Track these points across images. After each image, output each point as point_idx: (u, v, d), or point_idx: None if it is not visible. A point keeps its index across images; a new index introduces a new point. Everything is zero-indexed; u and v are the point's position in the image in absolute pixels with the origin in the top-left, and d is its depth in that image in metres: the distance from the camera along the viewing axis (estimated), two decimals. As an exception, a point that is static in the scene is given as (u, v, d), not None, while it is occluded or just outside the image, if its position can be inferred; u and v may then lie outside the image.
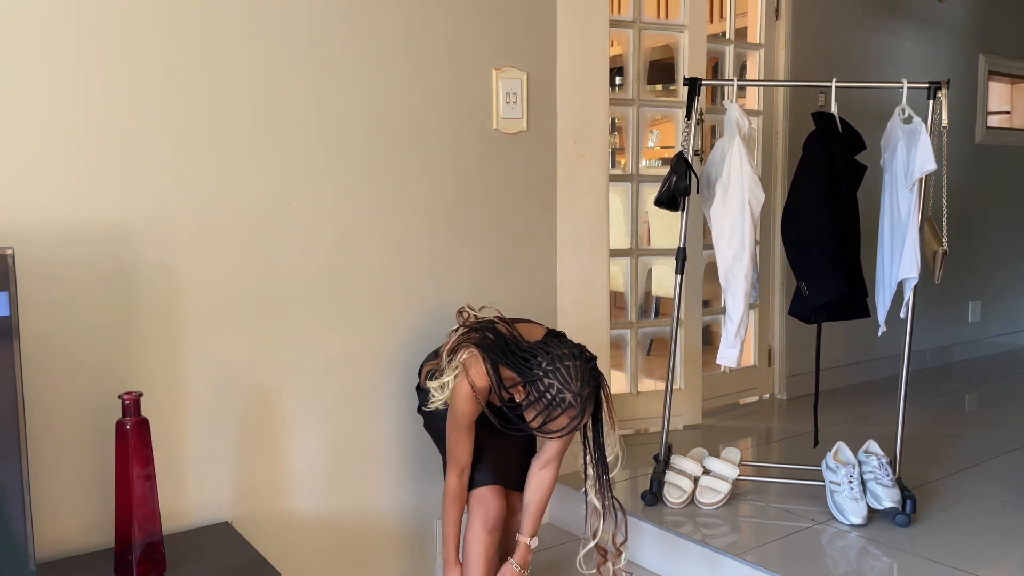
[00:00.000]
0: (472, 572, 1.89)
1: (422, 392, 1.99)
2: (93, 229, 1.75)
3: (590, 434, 1.81)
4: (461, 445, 1.85)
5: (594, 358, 1.75)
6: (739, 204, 2.27)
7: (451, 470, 1.87)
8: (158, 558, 1.64)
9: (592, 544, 1.87)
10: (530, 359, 1.72)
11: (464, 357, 1.78)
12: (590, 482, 1.85)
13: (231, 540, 1.84)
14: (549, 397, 1.68)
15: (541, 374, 1.69)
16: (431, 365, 1.94)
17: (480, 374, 1.76)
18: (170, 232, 1.84)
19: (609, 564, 1.89)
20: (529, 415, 1.72)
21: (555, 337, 1.80)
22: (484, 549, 1.89)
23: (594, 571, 1.90)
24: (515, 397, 1.73)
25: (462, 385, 1.77)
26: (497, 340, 1.78)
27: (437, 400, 1.84)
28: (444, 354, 1.84)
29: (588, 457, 1.84)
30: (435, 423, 1.96)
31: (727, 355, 2.34)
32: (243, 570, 1.71)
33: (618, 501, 1.86)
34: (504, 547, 1.99)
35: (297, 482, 2.06)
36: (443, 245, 2.26)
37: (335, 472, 2.11)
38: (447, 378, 1.81)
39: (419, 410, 2.05)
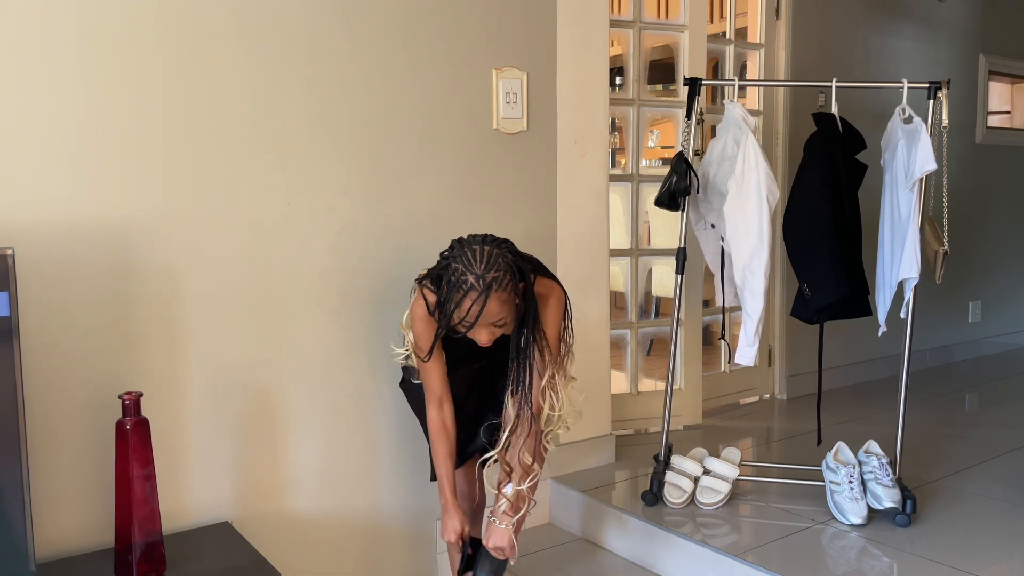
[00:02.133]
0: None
1: (405, 369, 2.00)
2: (93, 229, 1.75)
3: (522, 334, 1.72)
4: (430, 373, 1.81)
5: (516, 250, 1.70)
6: (756, 200, 2.26)
7: (428, 403, 1.84)
8: (158, 558, 1.64)
9: (493, 454, 1.80)
10: (447, 254, 1.70)
11: (412, 290, 1.80)
12: (508, 393, 1.78)
13: (231, 540, 1.84)
14: (454, 280, 1.63)
15: (451, 261, 1.66)
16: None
17: (427, 292, 1.75)
18: (170, 232, 1.84)
19: (512, 484, 1.79)
20: (448, 308, 1.65)
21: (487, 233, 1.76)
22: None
23: (495, 490, 1.83)
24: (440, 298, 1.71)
25: (415, 307, 1.77)
26: (433, 267, 1.77)
27: (409, 349, 1.83)
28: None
29: (514, 355, 1.75)
30: (413, 394, 1.97)
31: (746, 353, 2.32)
32: (243, 570, 1.71)
33: (534, 415, 1.77)
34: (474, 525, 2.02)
35: (297, 482, 2.06)
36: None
37: (335, 472, 2.11)
38: (405, 316, 1.82)
39: (401, 383, 2.05)
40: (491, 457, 1.83)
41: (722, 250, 2.54)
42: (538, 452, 1.84)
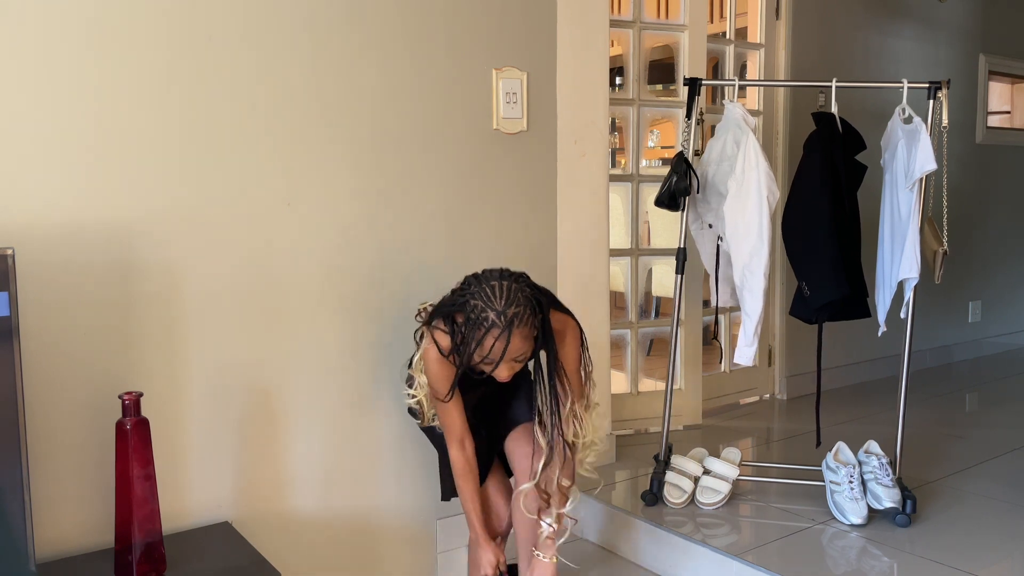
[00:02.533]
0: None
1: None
2: (93, 229, 1.75)
3: (543, 367, 1.73)
4: (450, 413, 1.80)
5: (533, 284, 1.69)
6: (756, 200, 2.26)
7: (450, 443, 1.83)
8: (158, 558, 1.64)
9: (530, 484, 1.80)
10: (463, 290, 1.68)
11: (420, 332, 1.79)
12: (537, 417, 1.79)
13: (231, 540, 1.84)
14: (474, 318, 1.62)
15: (469, 297, 1.65)
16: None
17: (439, 335, 1.73)
18: (170, 232, 1.84)
19: (553, 508, 1.81)
20: (468, 349, 1.65)
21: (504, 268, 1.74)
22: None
23: (534, 516, 1.83)
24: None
25: (428, 350, 1.75)
26: (440, 302, 1.76)
27: (420, 393, 1.84)
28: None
29: (538, 388, 1.76)
30: (436, 437, 1.96)
31: (745, 353, 2.32)
32: (243, 570, 1.71)
33: (567, 442, 1.79)
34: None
35: (297, 482, 2.06)
36: (443, 245, 2.26)
37: (335, 472, 2.11)
38: (414, 358, 1.81)
39: (423, 428, 2.03)
40: (526, 489, 1.83)
41: (717, 250, 2.54)
42: (573, 475, 1.85)
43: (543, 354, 1.76)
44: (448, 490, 1.98)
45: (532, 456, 1.82)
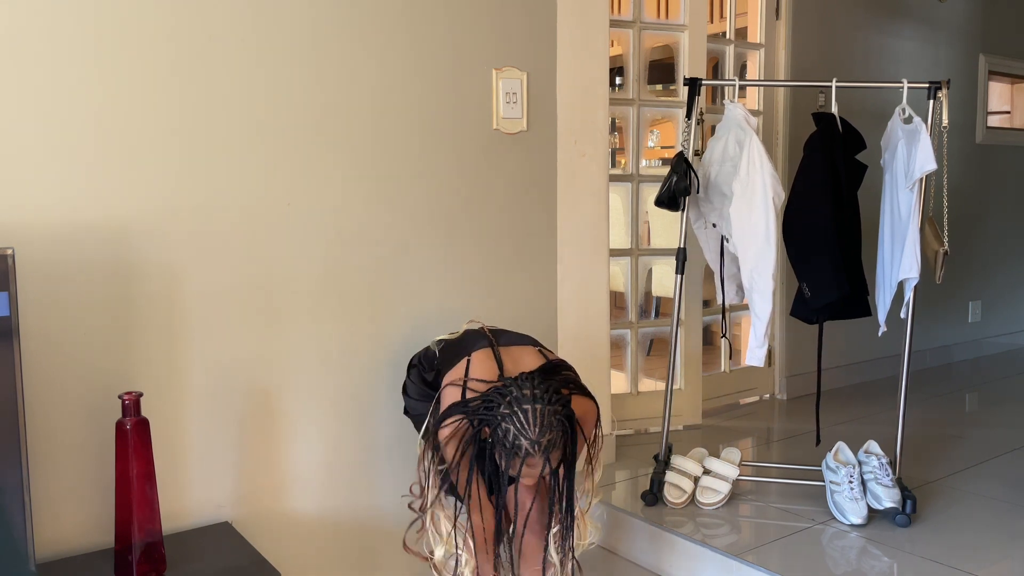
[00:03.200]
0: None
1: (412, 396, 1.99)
2: (93, 229, 1.75)
3: (560, 479, 1.67)
4: (467, 484, 1.72)
5: (565, 400, 1.62)
6: (762, 202, 2.26)
7: (472, 511, 1.77)
8: (158, 558, 1.64)
9: None
10: (491, 403, 1.63)
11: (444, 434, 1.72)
12: (552, 533, 1.72)
13: (231, 540, 1.84)
14: (507, 444, 1.58)
15: (499, 419, 1.60)
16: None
17: (456, 426, 1.69)
18: (170, 232, 1.84)
19: None
20: (497, 456, 1.63)
21: (533, 376, 1.64)
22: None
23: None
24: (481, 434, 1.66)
25: (446, 434, 1.70)
26: (471, 403, 1.69)
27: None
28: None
29: (556, 504, 1.70)
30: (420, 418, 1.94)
31: (757, 354, 2.32)
32: (243, 570, 1.71)
33: (578, 562, 1.77)
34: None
35: (297, 482, 2.06)
36: (443, 244, 2.26)
37: (335, 472, 2.11)
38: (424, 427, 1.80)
39: (406, 412, 2.04)
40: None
41: (721, 249, 2.54)
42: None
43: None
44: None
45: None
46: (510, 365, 1.78)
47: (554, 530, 1.73)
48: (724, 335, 2.76)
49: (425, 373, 1.95)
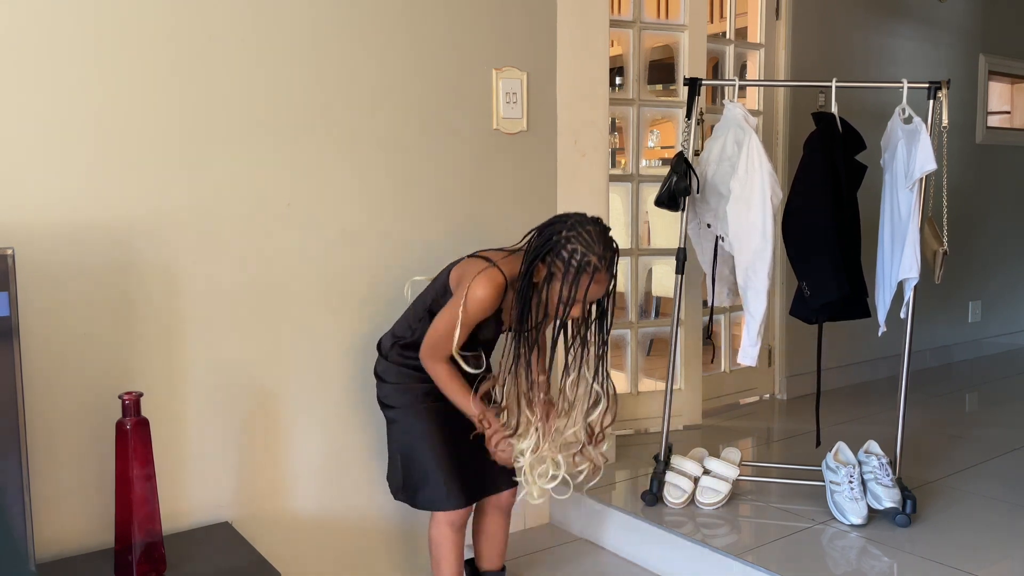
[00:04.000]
0: (444, 570, 1.89)
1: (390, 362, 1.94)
2: (93, 229, 1.75)
3: (607, 317, 1.77)
4: (454, 339, 1.75)
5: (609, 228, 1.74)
6: (760, 201, 2.26)
7: (438, 358, 1.80)
8: (158, 558, 1.64)
9: (583, 424, 1.80)
10: (547, 233, 1.70)
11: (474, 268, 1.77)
12: (591, 372, 1.79)
13: (231, 540, 1.84)
14: (575, 263, 1.65)
15: (563, 240, 1.66)
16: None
17: (497, 269, 1.75)
18: (170, 232, 1.84)
19: (590, 448, 1.83)
20: (554, 291, 1.68)
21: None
22: (454, 546, 1.89)
23: (576, 450, 1.83)
24: (534, 278, 1.71)
25: (489, 282, 1.73)
26: (527, 247, 1.76)
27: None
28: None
29: (592, 345, 1.77)
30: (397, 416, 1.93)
31: (749, 353, 2.32)
32: (243, 570, 1.71)
33: (613, 384, 1.83)
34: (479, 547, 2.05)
35: (297, 482, 2.06)
36: (443, 245, 2.26)
37: (335, 472, 2.11)
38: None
39: (381, 402, 1.97)
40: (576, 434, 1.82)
41: (715, 250, 2.54)
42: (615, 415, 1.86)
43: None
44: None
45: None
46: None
47: (593, 369, 1.78)
48: (708, 337, 2.75)
49: (407, 343, 1.90)
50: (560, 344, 1.80)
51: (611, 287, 1.74)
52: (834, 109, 2.35)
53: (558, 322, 1.75)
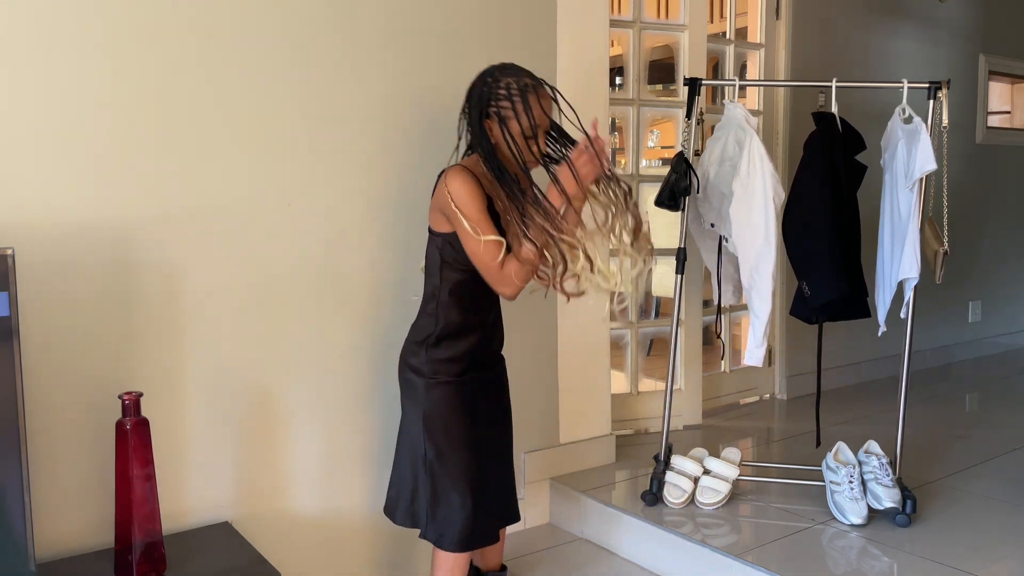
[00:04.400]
0: None
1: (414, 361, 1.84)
2: (93, 229, 1.75)
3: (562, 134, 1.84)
4: (491, 237, 1.68)
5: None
6: (762, 202, 2.26)
7: (496, 259, 1.69)
8: (158, 558, 1.64)
9: (625, 217, 1.82)
10: (474, 93, 1.74)
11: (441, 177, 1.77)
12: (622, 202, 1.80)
13: (231, 540, 1.84)
14: (516, 91, 1.69)
15: (491, 84, 1.72)
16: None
17: (467, 164, 1.76)
18: (170, 232, 1.84)
19: (640, 239, 1.87)
20: (515, 132, 1.70)
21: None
22: (462, 567, 1.85)
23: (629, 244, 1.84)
24: (491, 139, 1.73)
25: (465, 184, 1.69)
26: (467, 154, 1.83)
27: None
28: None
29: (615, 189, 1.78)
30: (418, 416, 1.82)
31: (756, 355, 2.32)
32: (243, 570, 1.71)
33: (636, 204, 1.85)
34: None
35: (297, 482, 2.06)
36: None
37: (335, 472, 2.11)
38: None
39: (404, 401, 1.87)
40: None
41: (719, 249, 2.54)
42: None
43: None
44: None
45: None
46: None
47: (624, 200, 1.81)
48: (718, 335, 2.76)
49: (427, 340, 1.82)
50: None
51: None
52: (834, 109, 2.35)
53: (540, 162, 1.77)
